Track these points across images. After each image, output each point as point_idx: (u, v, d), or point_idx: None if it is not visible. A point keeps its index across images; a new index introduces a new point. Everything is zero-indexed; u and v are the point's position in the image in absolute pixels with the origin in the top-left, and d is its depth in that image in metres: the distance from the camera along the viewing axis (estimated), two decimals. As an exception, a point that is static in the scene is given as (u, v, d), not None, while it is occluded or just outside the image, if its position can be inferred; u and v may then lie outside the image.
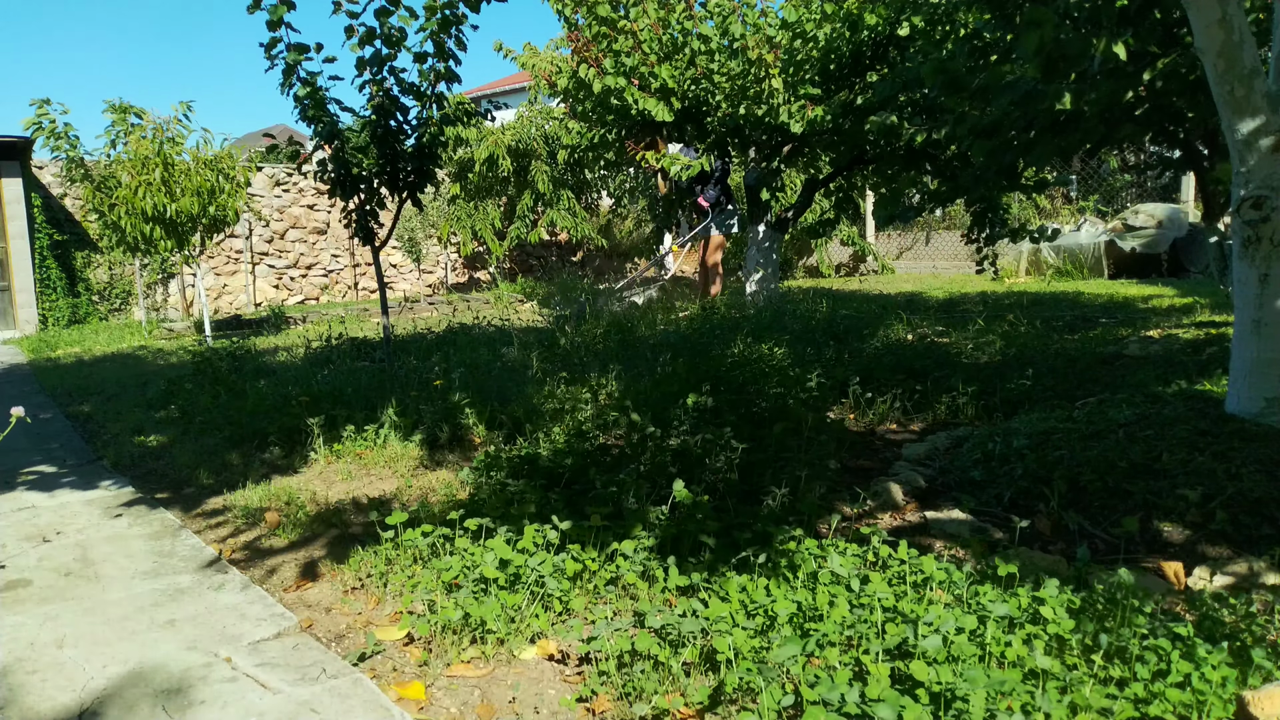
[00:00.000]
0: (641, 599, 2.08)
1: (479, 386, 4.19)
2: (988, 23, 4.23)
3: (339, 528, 2.74)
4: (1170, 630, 1.65)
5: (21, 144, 10.56)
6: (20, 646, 1.96)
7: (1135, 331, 5.87)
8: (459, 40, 4.54)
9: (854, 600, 1.87)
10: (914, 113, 6.02)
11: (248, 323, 10.72)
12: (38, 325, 11.10)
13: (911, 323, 6.40)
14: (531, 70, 8.23)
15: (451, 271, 15.82)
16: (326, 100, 4.61)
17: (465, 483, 3.00)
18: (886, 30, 6.50)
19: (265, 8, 4.18)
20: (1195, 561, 2.16)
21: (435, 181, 5.23)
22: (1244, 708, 1.44)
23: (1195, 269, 10.95)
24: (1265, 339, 2.75)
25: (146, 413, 4.61)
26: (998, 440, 3.00)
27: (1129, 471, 2.56)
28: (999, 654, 1.64)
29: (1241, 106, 2.64)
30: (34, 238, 11.19)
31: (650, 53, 6.93)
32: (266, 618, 2.09)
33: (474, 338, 6.48)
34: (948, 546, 2.36)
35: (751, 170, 8.00)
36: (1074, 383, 4.07)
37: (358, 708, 1.67)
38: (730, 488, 2.64)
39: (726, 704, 1.64)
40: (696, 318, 6.44)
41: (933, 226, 14.82)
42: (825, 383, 3.77)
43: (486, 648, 1.90)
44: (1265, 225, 2.69)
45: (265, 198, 13.61)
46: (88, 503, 3.12)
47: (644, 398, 3.60)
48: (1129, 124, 4.11)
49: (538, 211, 14.43)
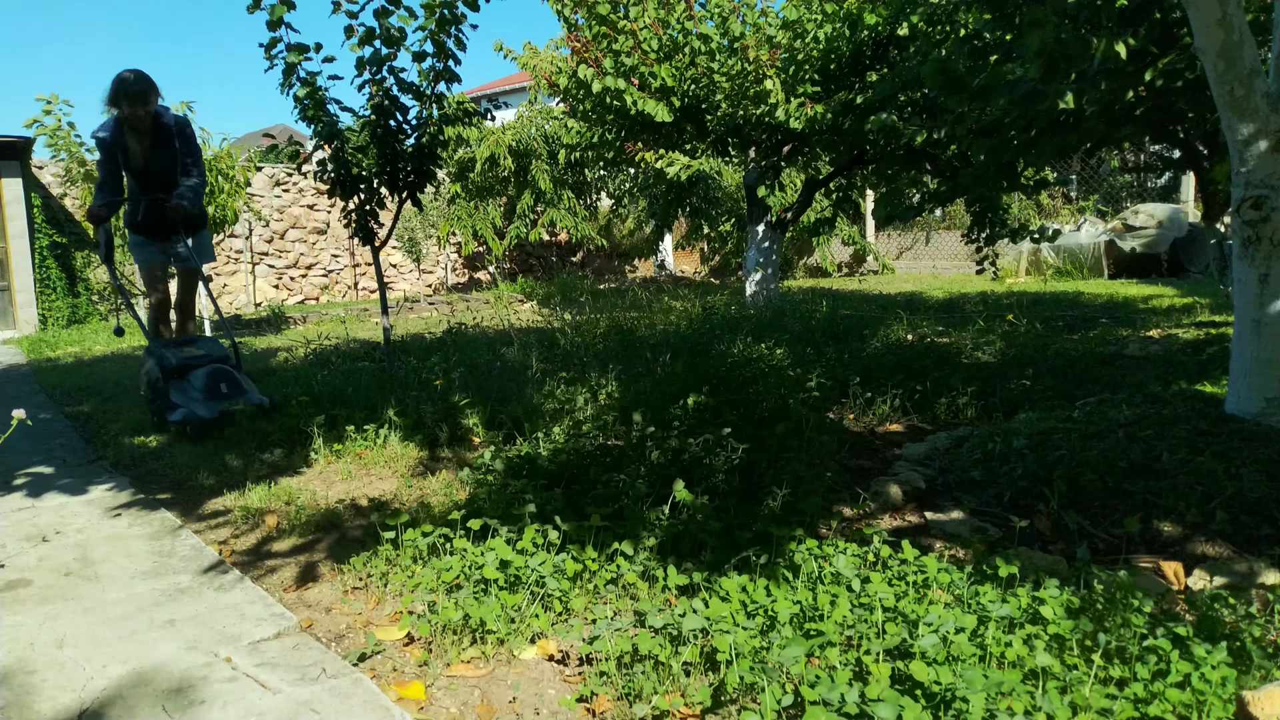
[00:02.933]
0: (642, 599, 2.08)
1: (479, 386, 4.19)
2: (988, 23, 4.23)
3: (339, 528, 2.74)
4: (1170, 630, 1.65)
5: (22, 144, 10.55)
6: (20, 646, 1.96)
7: (1135, 331, 5.87)
8: (458, 40, 4.54)
9: (854, 600, 1.87)
10: (914, 112, 6.03)
11: (248, 323, 10.72)
12: (37, 325, 11.10)
13: (911, 323, 6.40)
14: (531, 70, 8.24)
15: (451, 271, 15.82)
16: (326, 100, 4.61)
17: (465, 483, 3.00)
18: (886, 30, 6.50)
19: (265, 8, 4.18)
20: (1195, 561, 2.16)
21: (435, 181, 5.23)
22: (1244, 708, 1.44)
23: (1195, 269, 10.95)
24: (1265, 339, 2.75)
25: (146, 413, 4.60)
26: (998, 440, 3.00)
27: (1129, 471, 2.56)
28: (999, 654, 1.64)
29: (1241, 106, 2.64)
30: (34, 238, 11.18)
31: (650, 52, 6.94)
32: (266, 618, 2.09)
33: (474, 338, 6.48)
34: (948, 546, 2.36)
35: (751, 170, 8.00)
36: (1074, 383, 4.07)
37: (358, 708, 1.66)
38: (730, 488, 2.64)
39: (727, 704, 1.64)
40: (696, 318, 6.44)
41: (933, 226, 14.83)
42: (825, 383, 3.77)
43: (486, 648, 1.90)
44: (1265, 225, 2.69)
45: (265, 198, 13.61)
46: (88, 503, 3.12)
47: (644, 398, 3.60)
48: (1129, 124, 4.11)
49: (538, 211, 14.43)
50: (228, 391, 4.11)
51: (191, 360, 4.23)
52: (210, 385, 4.10)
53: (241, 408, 4.01)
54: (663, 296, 10.59)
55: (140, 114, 4.35)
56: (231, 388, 4.14)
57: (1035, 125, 4.03)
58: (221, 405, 4.01)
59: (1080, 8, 3.62)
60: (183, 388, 4.12)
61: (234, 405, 4.02)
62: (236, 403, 4.04)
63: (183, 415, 3.95)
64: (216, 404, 4.02)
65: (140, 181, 4.57)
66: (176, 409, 4.01)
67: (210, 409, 3.99)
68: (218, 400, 4.05)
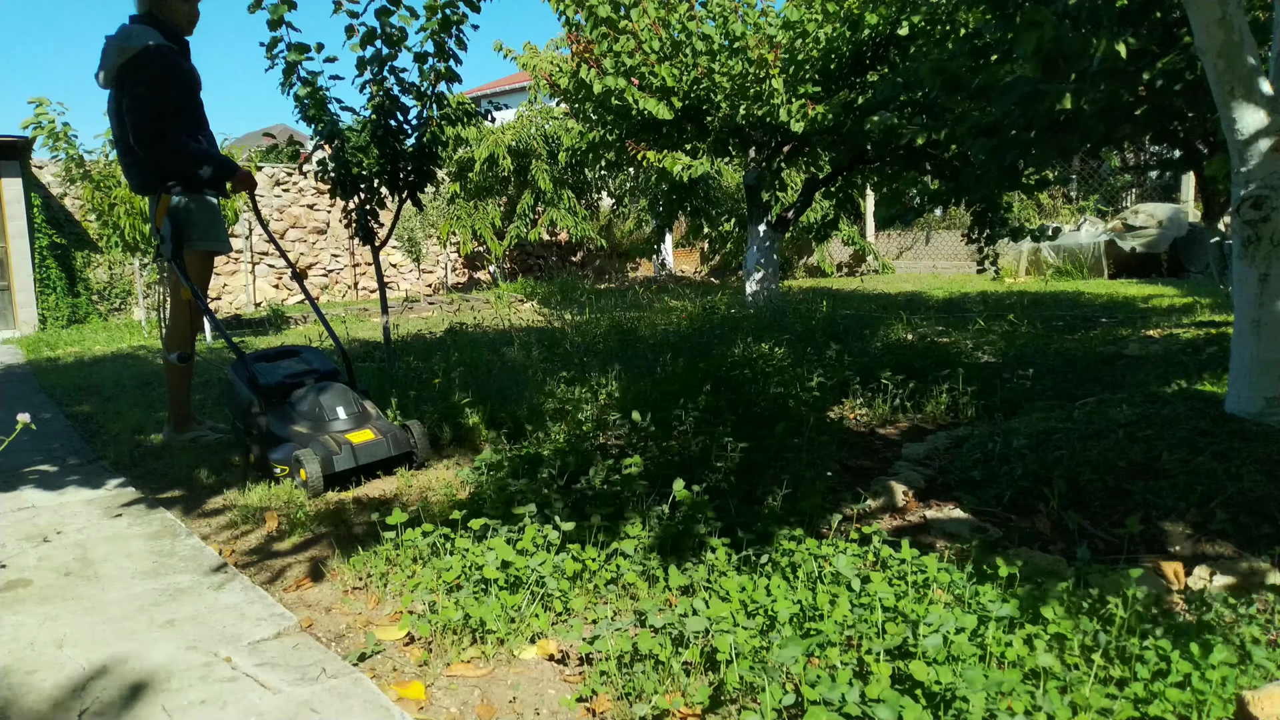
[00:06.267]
0: (642, 599, 2.08)
1: (479, 386, 4.19)
2: (988, 23, 4.24)
3: (339, 527, 2.74)
4: (1170, 630, 1.65)
5: (21, 144, 10.56)
6: (20, 646, 1.96)
7: (1135, 331, 5.87)
8: (459, 40, 4.55)
9: (855, 600, 1.87)
10: (914, 112, 6.03)
11: (248, 322, 10.72)
12: (37, 325, 11.10)
13: (912, 322, 6.40)
14: (531, 70, 8.24)
15: (451, 271, 15.82)
16: (327, 100, 4.61)
17: (466, 482, 3.00)
18: (887, 30, 6.50)
19: (266, 7, 4.18)
20: (1195, 561, 2.16)
21: (435, 181, 5.23)
22: (1244, 708, 1.44)
23: (1195, 269, 10.96)
24: (1265, 339, 2.75)
25: (146, 412, 4.61)
26: (998, 440, 3.00)
27: (1129, 471, 2.56)
28: (999, 654, 1.64)
29: (1242, 106, 2.64)
30: (34, 238, 11.18)
31: (651, 53, 6.94)
32: (266, 617, 2.09)
33: (474, 337, 6.48)
34: (948, 546, 2.36)
35: (751, 170, 8.00)
36: (1074, 383, 4.07)
37: (357, 707, 1.66)
38: (731, 487, 2.64)
39: (727, 704, 1.64)
40: (697, 317, 6.44)
41: (933, 226, 14.83)
42: (826, 383, 3.77)
43: (487, 647, 1.90)
44: (1265, 225, 2.69)
45: (265, 197, 13.61)
46: (87, 502, 3.12)
47: (644, 397, 3.60)
48: (1129, 124, 4.12)
49: (538, 211, 14.44)
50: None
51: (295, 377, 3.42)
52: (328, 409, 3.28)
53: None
54: (663, 296, 10.60)
55: (197, 11, 3.56)
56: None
57: (1035, 125, 4.03)
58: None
59: (1080, 8, 3.62)
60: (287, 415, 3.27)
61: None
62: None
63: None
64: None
65: (200, 120, 3.62)
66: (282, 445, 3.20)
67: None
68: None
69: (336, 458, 3.07)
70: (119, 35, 3.42)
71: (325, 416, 3.24)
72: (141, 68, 3.38)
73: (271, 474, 3.16)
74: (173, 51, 3.50)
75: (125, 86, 3.42)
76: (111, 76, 3.46)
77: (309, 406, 3.26)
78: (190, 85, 3.54)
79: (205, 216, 3.69)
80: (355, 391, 3.42)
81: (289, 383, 3.38)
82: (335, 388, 3.35)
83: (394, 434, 3.24)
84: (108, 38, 3.45)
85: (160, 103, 3.40)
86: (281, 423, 3.23)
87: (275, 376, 3.40)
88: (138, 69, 3.38)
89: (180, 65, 3.51)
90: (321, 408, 3.25)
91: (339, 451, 3.08)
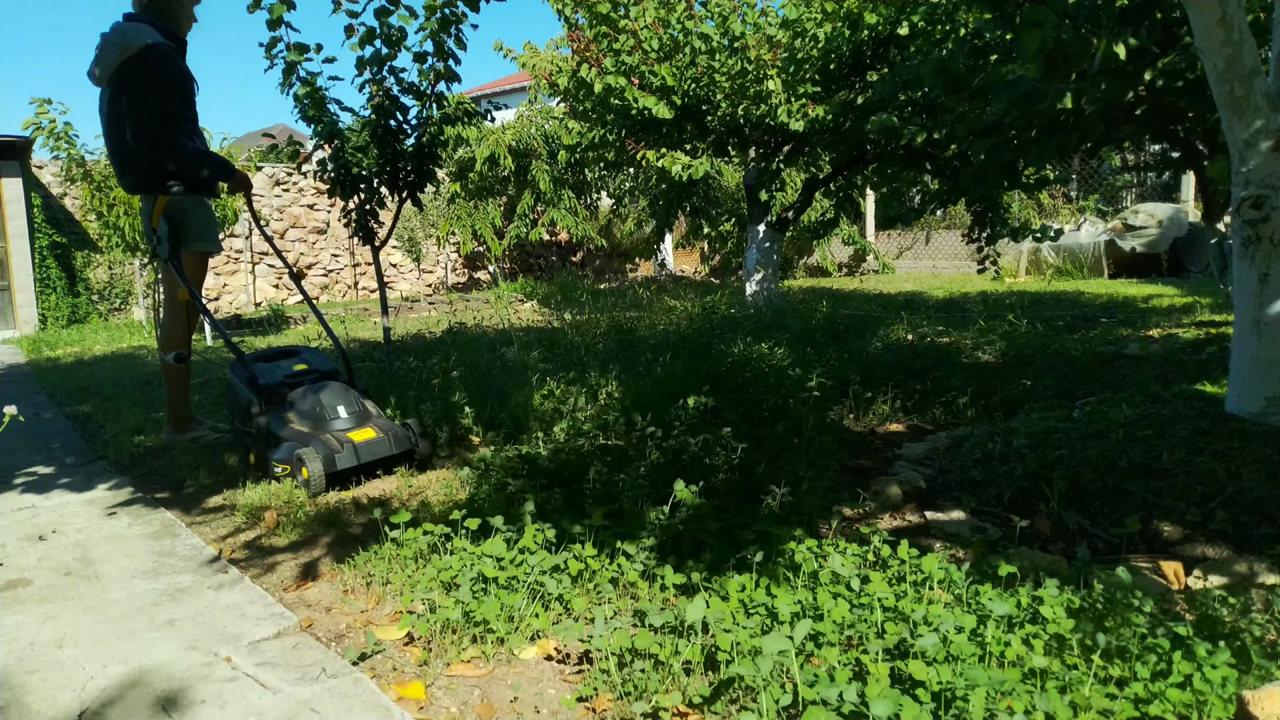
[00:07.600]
0: (642, 598, 2.08)
1: (479, 386, 4.19)
2: (988, 22, 4.23)
3: (339, 527, 2.74)
4: (1170, 630, 1.65)
5: (21, 144, 10.56)
6: (20, 646, 1.96)
7: (1135, 331, 5.87)
8: (459, 40, 4.54)
9: (854, 600, 1.87)
10: (914, 112, 6.03)
11: (247, 322, 10.72)
12: (37, 325, 11.10)
13: (912, 322, 6.40)
14: (531, 70, 8.24)
15: (451, 271, 15.82)
16: (326, 100, 4.61)
17: (465, 482, 3.00)
18: (887, 29, 6.50)
19: (265, 7, 4.18)
20: (1195, 561, 2.16)
21: (435, 181, 5.23)
22: (1244, 708, 1.44)
23: (1195, 269, 10.96)
24: (1265, 339, 2.75)
25: (146, 412, 4.61)
26: (998, 440, 3.00)
27: (1129, 471, 2.56)
28: (999, 654, 1.64)
29: (1241, 106, 2.64)
30: (34, 237, 11.19)
31: (650, 52, 6.94)
32: (266, 617, 2.09)
33: (474, 337, 6.48)
34: (948, 546, 2.36)
35: (751, 170, 8.00)
36: (1074, 383, 4.07)
37: (357, 707, 1.66)
38: (731, 487, 2.64)
39: (727, 703, 1.64)
40: (697, 317, 6.44)
41: (933, 226, 14.82)
42: (825, 383, 3.77)
43: (486, 647, 1.90)
44: (1265, 225, 2.69)
45: (265, 197, 13.61)
46: (87, 502, 3.12)
47: (644, 398, 3.60)
48: (1129, 124, 4.12)
49: (538, 211, 14.44)
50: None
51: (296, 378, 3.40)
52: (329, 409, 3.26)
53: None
54: (663, 296, 10.60)
55: (194, 14, 3.57)
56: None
57: (1035, 125, 4.03)
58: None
59: (1080, 8, 3.62)
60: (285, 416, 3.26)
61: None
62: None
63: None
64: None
65: (196, 121, 3.60)
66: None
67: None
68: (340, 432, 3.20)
69: (339, 456, 3.05)
70: (117, 32, 3.40)
71: (326, 415, 3.23)
72: (144, 66, 3.37)
73: (272, 474, 3.15)
74: (174, 51, 3.50)
75: (125, 85, 3.40)
76: (109, 74, 3.44)
77: (310, 405, 3.26)
78: (189, 86, 3.53)
79: (201, 217, 3.70)
80: (355, 390, 3.42)
81: (289, 382, 3.38)
82: (336, 386, 3.34)
83: (395, 432, 3.22)
84: (104, 35, 3.43)
85: (163, 102, 3.39)
86: (282, 422, 3.23)
87: (275, 376, 3.40)
88: (140, 67, 3.37)
89: (181, 66, 3.51)
90: (322, 406, 3.25)
91: (341, 450, 3.07)
